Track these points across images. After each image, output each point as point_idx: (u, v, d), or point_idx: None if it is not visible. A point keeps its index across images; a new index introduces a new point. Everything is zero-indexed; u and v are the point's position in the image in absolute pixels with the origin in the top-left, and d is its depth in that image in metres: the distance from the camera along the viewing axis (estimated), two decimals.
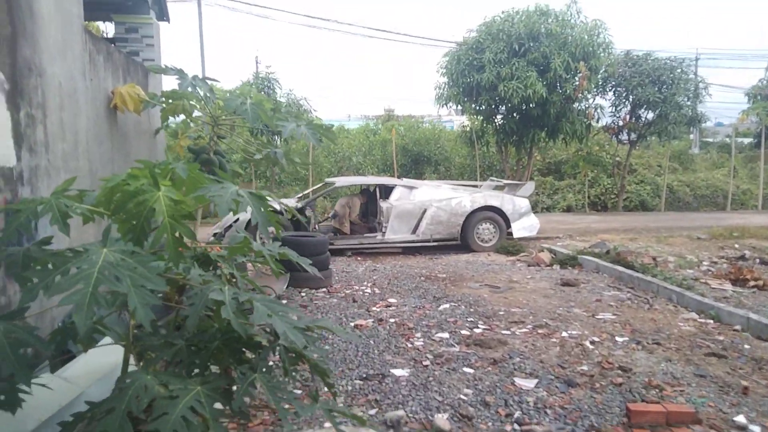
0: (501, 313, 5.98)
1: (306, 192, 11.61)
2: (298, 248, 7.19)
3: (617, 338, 5.29)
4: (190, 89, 5.43)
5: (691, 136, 30.14)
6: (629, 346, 5.08)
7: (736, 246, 10.49)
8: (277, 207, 9.75)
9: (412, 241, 10.28)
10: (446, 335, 5.27)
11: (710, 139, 35.16)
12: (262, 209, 2.71)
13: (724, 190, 20.89)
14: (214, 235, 10.02)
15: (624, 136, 18.17)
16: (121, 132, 6.05)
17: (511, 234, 10.64)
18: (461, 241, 10.42)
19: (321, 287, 7.22)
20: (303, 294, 6.91)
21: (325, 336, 5.22)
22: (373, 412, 3.74)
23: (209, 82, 5.67)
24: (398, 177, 17.63)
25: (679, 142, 21.22)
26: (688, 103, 16.78)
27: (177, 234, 2.25)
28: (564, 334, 5.36)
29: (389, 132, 20.54)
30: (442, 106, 16.34)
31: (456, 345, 5.01)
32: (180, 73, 5.35)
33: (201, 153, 6.13)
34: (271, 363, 2.48)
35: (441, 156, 21.07)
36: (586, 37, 14.33)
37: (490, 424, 3.57)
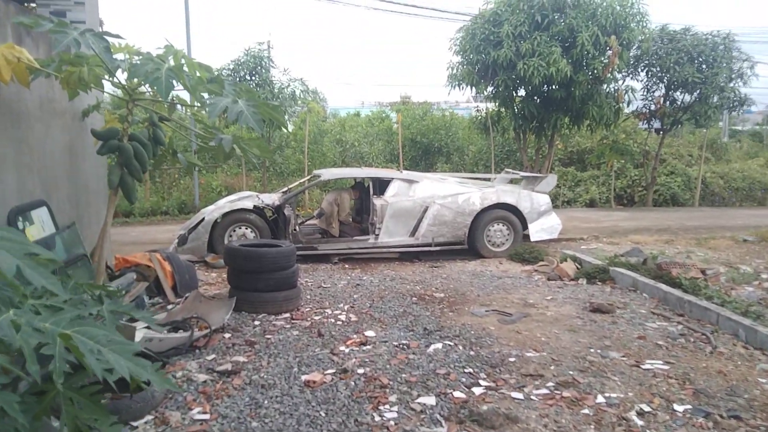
0: (512, 359, 4.39)
1: (292, 186, 10.07)
2: (255, 262, 5.67)
3: (675, 407, 3.69)
4: (78, 49, 3.90)
5: (720, 124, 27.98)
6: (695, 422, 3.49)
7: None
8: (250, 205, 8.29)
9: (410, 246, 8.71)
10: (432, 400, 3.71)
11: (739, 127, 33.03)
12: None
13: (763, 183, 18.98)
14: (179, 237, 8.55)
15: (656, 122, 16.33)
16: (7, 112, 4.54)
17: (527, 237, 9.02)
18: (468, 246, 8.83)
19: (283, 312, 5.69)
20: (257, 323, 5.39)
21: (258, 401, 3.69)
22: None
23: (110, 39, 4.13)
24: (404, 168, 16.02)
25: (709, 130, 19.26)
26: (731, 84, 14.91)
27: None
28: (600, 399, 3.77)
29: (395, 119, 18.97)
30: (454, 88, 14.64)
31: (444, 422, 3.45)
32: (58, 27, 3.80)
33: (109, 138, 4.61)
34: None
35: (453, 146, 19.40)
36: (617, 6, 12.53)
37: None
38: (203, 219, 8.43)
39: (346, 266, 8.31)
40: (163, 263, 6.22)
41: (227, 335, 5.00)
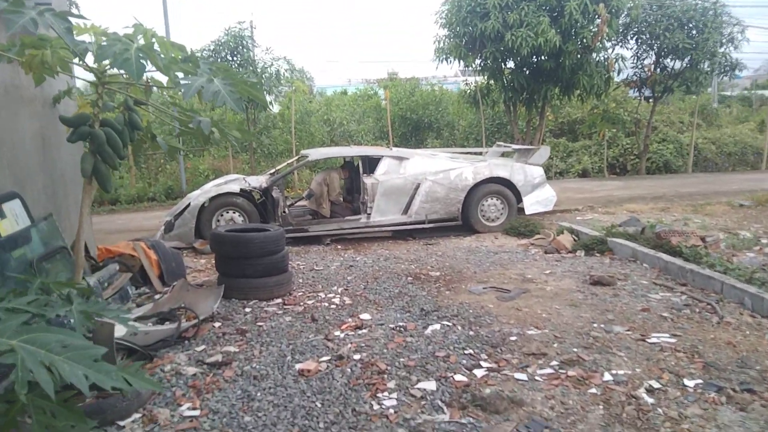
0: (513, 338, 4.23)
1: (279, 167, 9.82)
2: (242, 247, 5.46)
3: (686, 381, 3.55)
4: (35, 29, 3.63)
5: (709, 90, 27.76)
6: (707, 397, 3.34)
7: None
8: (237, 188, 8.05)
9: (403, 224, 8.51)
10: (432, 385, 3.54)
11: (728, 93, 32.81)
12: None
13: (755, 147, 18.87)
14: (165, 223, 8.31)
15: (647, 90, 16.11)
16: None
17: (522, 210, 8.84)
18: (462, 221, 8.65)
19: (275, 297, 5.50)
20: (248, 310, 5.19)
21: (251, 394, 3.52)
22: None
23: (74, 20, 3.87)
24: (394, 145, 15.76)
25: (700, 96, 19.04)
26: (722, 50, 14.69)
27: None
28: (607, 376, 3.61)
29: (382, 95, 18.64)
30: (442, 62, 14.35)
31: (446, 408, 3.28)
32: (12, 6, 3.53)
33: (79, 125, 4.35)
34: None
35: (443, 121, 19.13)
36: None
37: None
38: (189, 204, 8.19)
39: (339, 247, 8.12)
40: (147, 252, 5.99)
41: (217, 324, 4.81)
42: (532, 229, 8.11)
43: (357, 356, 4.00)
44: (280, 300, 5.45)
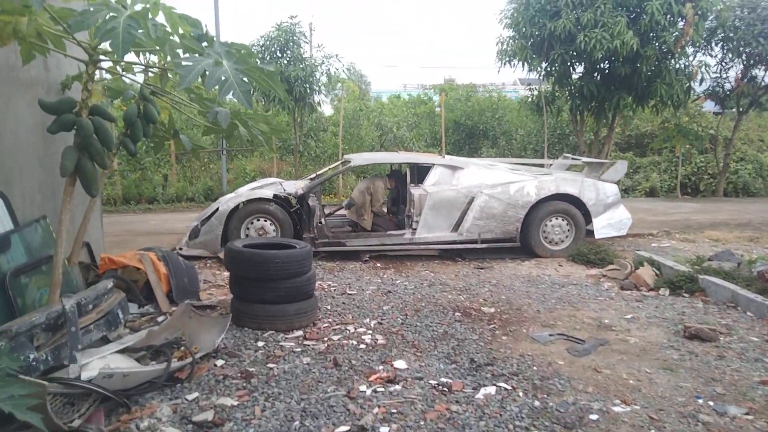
0: (593, 416, 3.18)
1: (320, 172, 8.97)
2: (261, 267, 4.57)
3: None
4: None
5: None
6: None
7: None
8: (270, 194, 7.24)
9: (452, 242, 7.51)
10: None
11: None
12: None
13: None
14: (191, 229, 7.57)
15: (731, 103, 14.59)
16: None
17: (591, 233, 7.71)
18: (521, 243, 7.58)
19: (295, 329, 4.60)
20: (260, 344, 4.31)
21: None
22: None
23: None
24: (446, 153, 14.75)
25: None
26: None
27: None
28: None
29: (437, 101, 17.66)
30: (505, 65, 13.27)
31: None
32: None
33: (62, 111, 3.56)
34: None
35: (500, 129, 17.99)
36: None
37: None
38: (217, 209, 7.42)
39: (378, 265, 7.19)
40: (156, 264, 5.20)
41: (219, 363, 3.94)
42: (604, 257, 6.98)
43: (384, 429, 3.04)
44: (300, 332, 4.55)
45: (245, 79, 3.15)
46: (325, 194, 14.20)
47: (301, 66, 12.99)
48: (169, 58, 3.46)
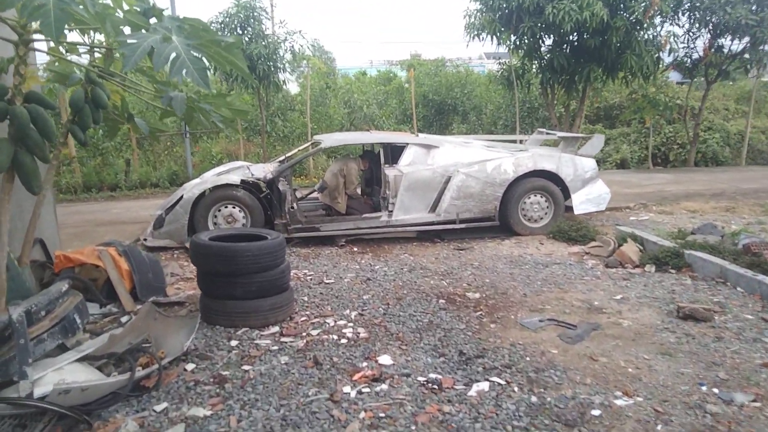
0: (595, 411, 2.98)
1: (290, 154, 8.60)
2: (230, 262, 4.22)
3: None
4: None
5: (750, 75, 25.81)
6: None
7: None
8: (237, 180, 6.88)
9: (430, 223, 7.27)
10: None
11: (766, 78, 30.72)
12: None
13: None
14: (156, 218, 7.17)
15: (699, 72, 14.57)
16: None
17: (570, 209, 7.55)
18: (500, 221, 7.38)
19: (270, 324, 4.31)
20: (234, 343, 4.01)
21: None
22: None
23: None
24: (417, 131, 14.46)
25: (758, 81, 17.39)
26: None
27: None
28: None
29: (405, 77, 17.29)
30: (473, 39, 12.97)
31: None
32: None
33: None
34: None
35: (470, 104, 17.74)
36: None
37: None
38: (182, 197, 7.03)
39: (355, 249, 6.92)
40: (117, 260, 4.83)
41: (190, 367, 3.63)
42: (585, 233, 6.82)
43: None
44: (276, 328, 4.26)
45: (199, 55, 2.80)
46: (296, 176, 13.80)
47: (263, 43, 12.48)
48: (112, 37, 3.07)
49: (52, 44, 4.49)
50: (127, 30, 3.06)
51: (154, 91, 4.14)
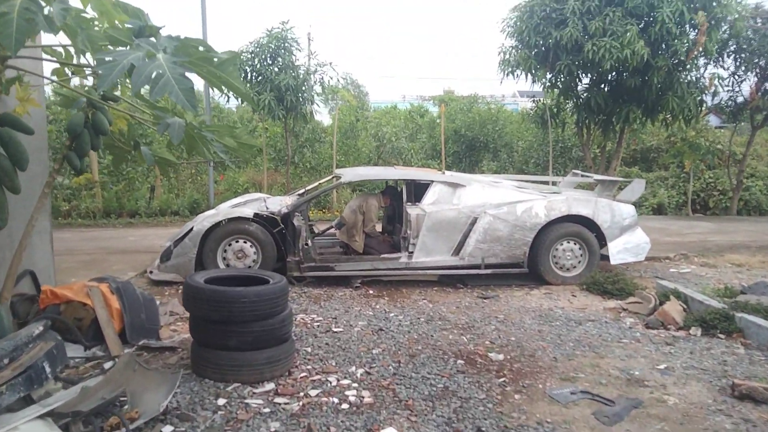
0: None
1: (309, 187, 8.24)
2: (224, 308, 3.69)
3: None
4: None
5: None
6: None
7: None
8: (250, 213, 6.49)
9: (453, 267, 6.78)
10: None
11: None
12: None
13: None
14: (164, 250, 6.84)
15: (744, 117, 13.93)
16: None
17: (605, 257, 7.00)
18: (529, 268, 6.85)
19: (266, 379, 3.85)
20: (222, 402, 3.55)
21: None
22: None
23: None
24: (446, 167, 14.05)
25: None
26: None
27: None
28: None
29: (436, 113, 16.97)
30: (507, 76, 12.57)
31: None
32: None
33: None
34: None
35: (501, 142, 17.30)
36: None
37: None
38: (192, 229, 6.69)
39: (370, 292, 6.46)
40: (108, 298, 4.45)
41: (167, 429, 3.18)
42: (623, 286, 6.24)
43: None
44: (272, 385, 3.80)
45: (186, 74, 2.42)
46: (318, 209, 13.47)
47: (293, 74, 12.29)
48: (89, 54, 2.73)
49: (56, 65, 4.23)
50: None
51: (151, 119, 3.81)
